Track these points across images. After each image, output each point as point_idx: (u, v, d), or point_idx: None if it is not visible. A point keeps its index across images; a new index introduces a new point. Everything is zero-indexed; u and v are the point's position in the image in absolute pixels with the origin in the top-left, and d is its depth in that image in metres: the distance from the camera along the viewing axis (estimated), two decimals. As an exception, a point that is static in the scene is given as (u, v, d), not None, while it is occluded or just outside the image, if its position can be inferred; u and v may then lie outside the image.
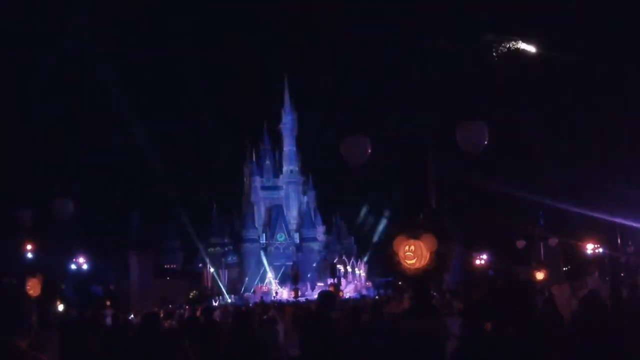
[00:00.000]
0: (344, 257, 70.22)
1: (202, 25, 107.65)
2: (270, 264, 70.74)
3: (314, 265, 73.01)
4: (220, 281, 69.71)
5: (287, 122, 76.94)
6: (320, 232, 76.92)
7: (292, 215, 76.59)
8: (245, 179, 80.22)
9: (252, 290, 67.04)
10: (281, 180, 77.57)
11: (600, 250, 40.29)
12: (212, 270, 71.81)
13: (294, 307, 24.37)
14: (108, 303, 49.94)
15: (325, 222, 79.12)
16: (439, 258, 7.97)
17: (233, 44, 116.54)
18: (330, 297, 9.02)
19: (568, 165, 41.38)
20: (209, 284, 70.75)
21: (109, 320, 17.65)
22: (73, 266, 48.84)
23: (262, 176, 77.95)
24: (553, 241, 40.93)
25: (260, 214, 76.39)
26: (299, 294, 56.43)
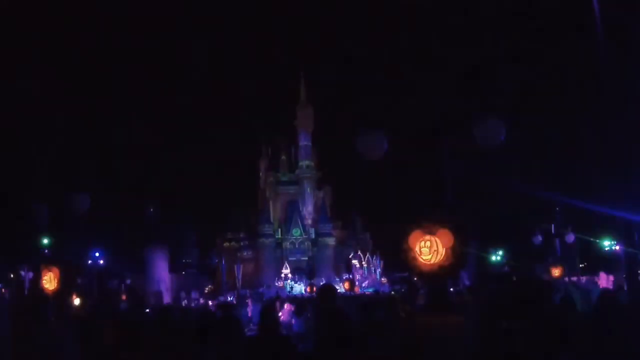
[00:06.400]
0: (359, 253, 70.06)
1: (217, 20, 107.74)
2: (285, 258, 70.66)
3: (330, 260, 72.88)
4: (236, 276, 69.70)
5: (303, 117, 76.70)
6: (335, 227, 76.68)
7: (308, 210, 76.42)
8: (260, 174, 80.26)
9: (267, 285, 67.04)
10: (297, 175, 77.44)
11: (618, 247, 39.99)
12: (227, 265, 71.91)
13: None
14: (124, 297, 50.15)
15: (340, 217, 78.96)
16: (454, 254, 7.93)
17: (248, 38, 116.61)
18: (330, 290, 9.02)
19: (585, 161, 41.09)
20: (225, 279, 70.82)
21: (124, 314, 17.73)
22: (89, 260, 49.18)
23: (277, 171, 77.88)
24: (570, 237, 40.67)
25: (275, 208, 76.32)
26: (315, 289, 56.27)
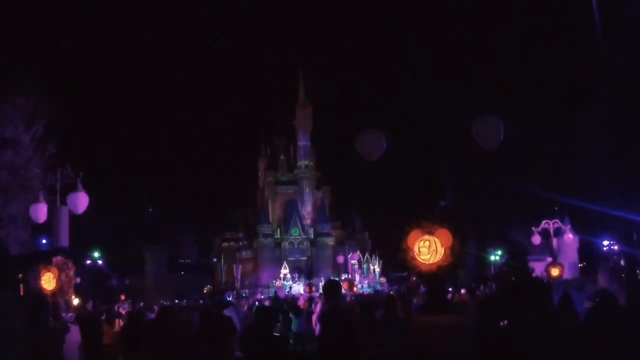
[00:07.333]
0: (358, 252, 70.02)
1: (218, 20, 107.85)
2: (284, 258, 70.62)
3: (329, 260, 72.86)
4: (234, 276, 69.67)
5: (302, 117, 76.64)
6: (334, 227, 76.65)
7: (307, 210, 76.41)
8: (260, 174, 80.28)
9: (266, 285, 67.00)
10: (296, 175, 77.40)
11: (616, 247, 39.90)
12: (226, 264, 71.92)
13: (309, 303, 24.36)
14: (123, 297, 50.09)
15: (339, 217, 78.96)
16: (453, 253, 7.93)
17: (249, 38, 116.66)
18: (334, 286, 9.00)
19: (584, 161, 41.12)
20: (223, 279, 70.82)
21: (124, 314, 17.73)
22: (89, 260, 49.14)
23: (276, 171, 77.86)
24: (569, 237, 40.69)
25: (274, 208, 76.30)
26: (313, 289, 56.29)
